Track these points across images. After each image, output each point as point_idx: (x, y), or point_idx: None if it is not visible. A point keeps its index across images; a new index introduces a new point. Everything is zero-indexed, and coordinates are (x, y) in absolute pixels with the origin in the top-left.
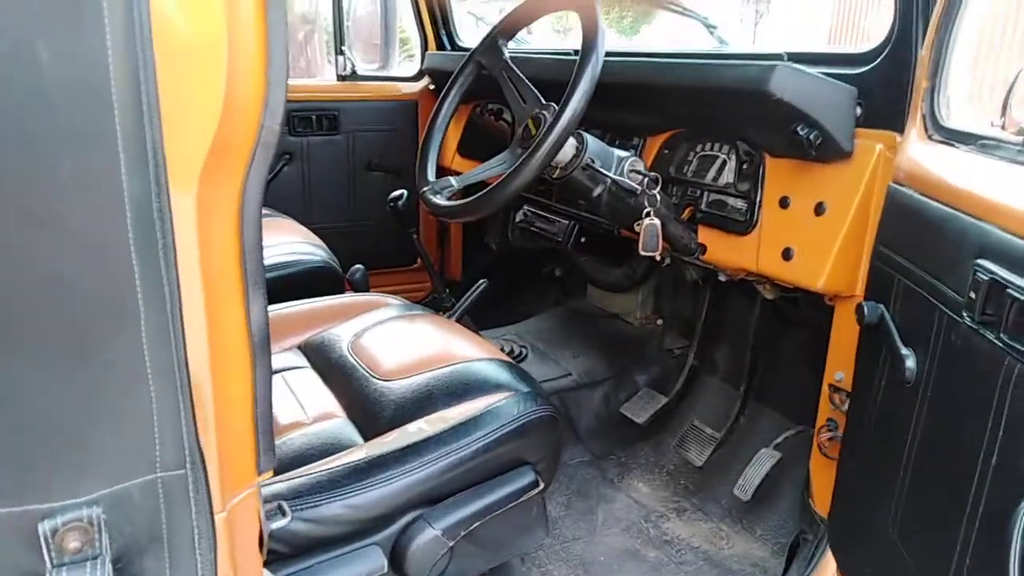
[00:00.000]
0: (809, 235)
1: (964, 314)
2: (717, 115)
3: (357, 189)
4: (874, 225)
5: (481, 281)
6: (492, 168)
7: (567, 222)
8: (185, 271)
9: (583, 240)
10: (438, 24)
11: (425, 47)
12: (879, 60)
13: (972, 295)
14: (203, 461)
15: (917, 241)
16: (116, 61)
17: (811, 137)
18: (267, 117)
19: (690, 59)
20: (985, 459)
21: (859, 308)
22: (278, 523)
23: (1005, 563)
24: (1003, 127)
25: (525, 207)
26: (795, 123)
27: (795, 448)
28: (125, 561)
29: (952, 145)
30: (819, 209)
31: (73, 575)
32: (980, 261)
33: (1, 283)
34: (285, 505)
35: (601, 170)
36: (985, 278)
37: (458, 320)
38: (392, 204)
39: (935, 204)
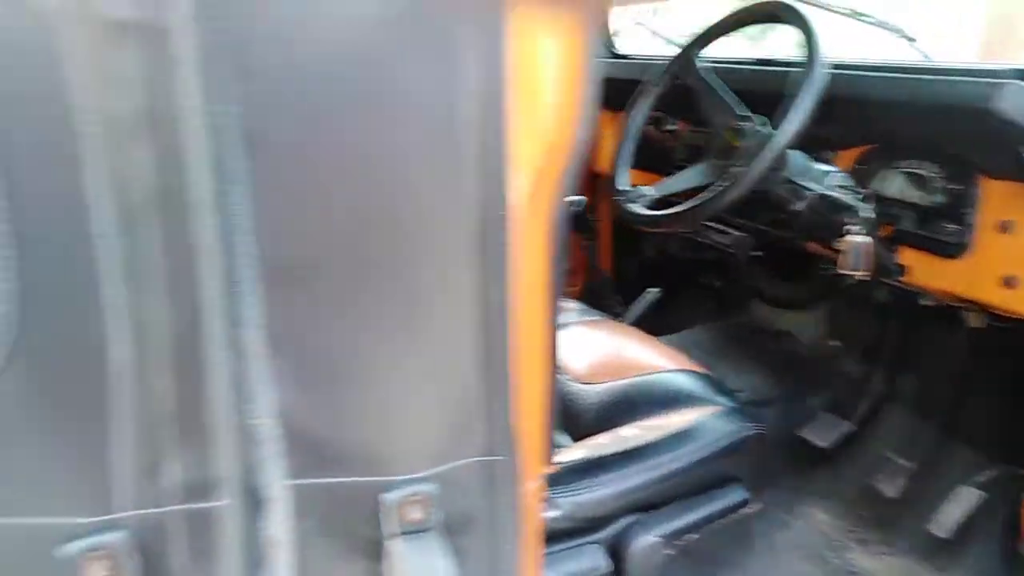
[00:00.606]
0: None
1: None
2: (926, 132)
3: None
4: None
5: (653, 290)
6: (689, 179)
7: (743, 234)
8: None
9: (758, 253)
10: None
11: None
12: None
13: None
14: (516, 448)
15: None
16: (473, 90)
17: None
18: (580, 127)
19: (895, 73)
20: None
21: None
22: (551, 512)
23: None
24: None
25: None
26: (1022, 144)
27: (1000, 489)
28: (450, 535)
29: None
30: None
31: (411, 544)
32: None
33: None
34: (554, 496)
35: (805, 184)
36: None
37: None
38: (572, 208)
39: None
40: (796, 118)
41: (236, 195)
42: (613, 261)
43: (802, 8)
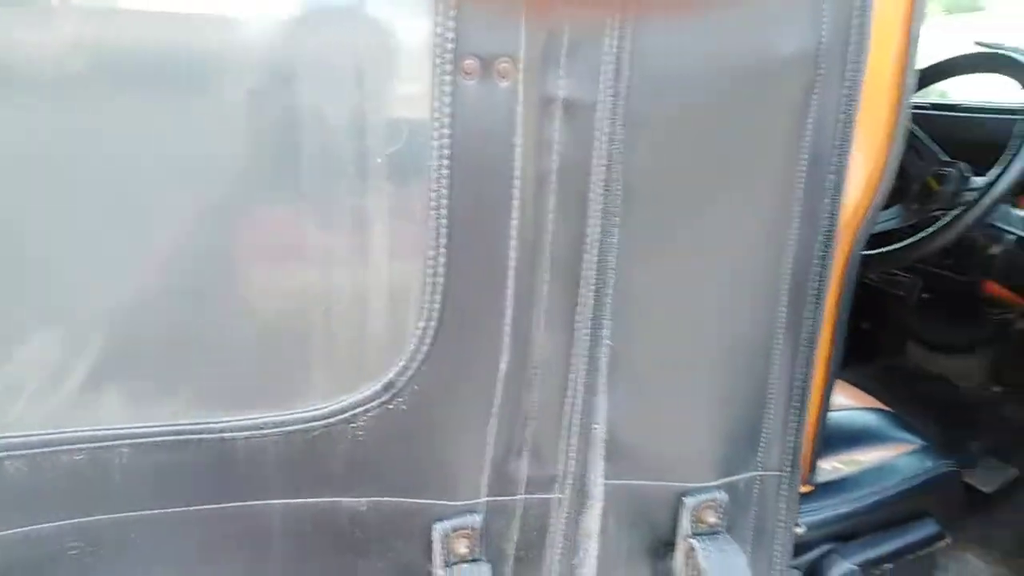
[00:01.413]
0: None
1: None
2: None
3: None
4: None
5: None
6: (883, 222)
7: (912, 276)
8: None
9: (924, 296)
10: None
11: None
12: None
13: None
14: (798, 466)
15: None
16: (814, 145)
17: None
18: (883, 184)
19: None
20: None
21: None
22: (797, 530)
23: None
24: None
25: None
26: None
27: None
28: (732, 535)
29: None
30: None
31: (710, 543)
32: None
33: (691, 315)
34: (800, 521)
35: (1006, 228)
36: None
37: None
38: None
39: None
40: (1018, 167)
41: (613, 236)
42: None
43: (1021, 58)
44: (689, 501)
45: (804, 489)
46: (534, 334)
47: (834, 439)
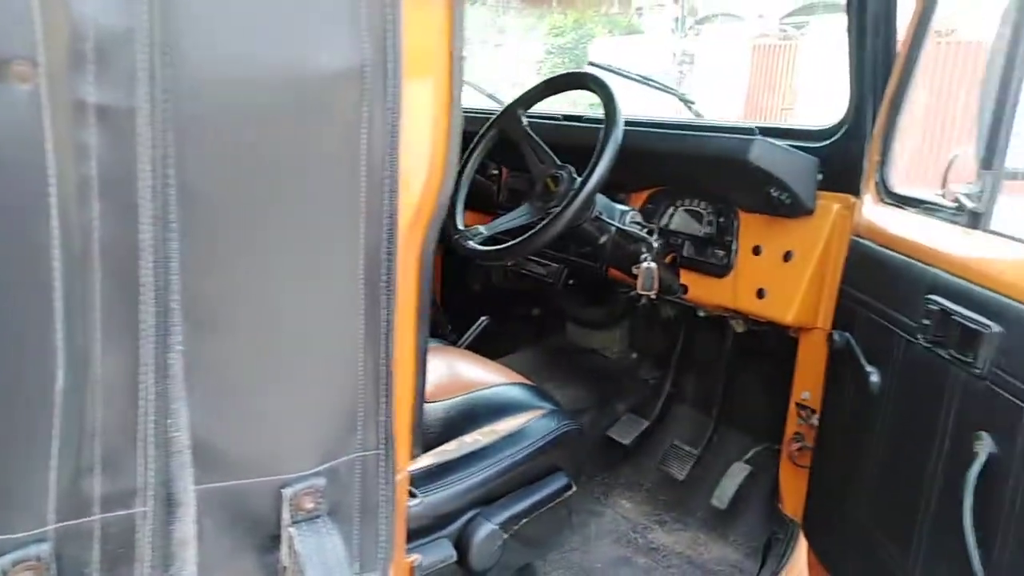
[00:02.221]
0: (779, 278)
1: (919, 336)
2: (699, 177)
3: None
4: (834, 270)
5: (483, 318)
6: (514, 219)
7: (558, 266)
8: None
9: (571, 282)
10: None
11: None
12: (837, 136)
13: (925, 322)
14: (392, 444)
15: (877, 282)
16: (369, 162)
17: (781, 197)
18: (444, 188)
19: (674, 129)
20: (938, 445)
21: (830, 336)
22: (412, 502)
23: (959, 516)
24: (944, 196)
25: None
26: (769, 186)
27: (763, 462)
28: (335, 520)
29: (901, 207)
30: (787, 256)
31: (307, 528)
32: (931, 296)
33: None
34: (413, 489)
35: (608, 221)
36: (935, 308)
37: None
38: None
39: (892, 253)
40: (601, 167)
41: (171, 242)
42: (443, 294)
43: (604, 77)
44: (287, 492)
45: (414, 464)
46: (92, 347)
47: (478, 414)
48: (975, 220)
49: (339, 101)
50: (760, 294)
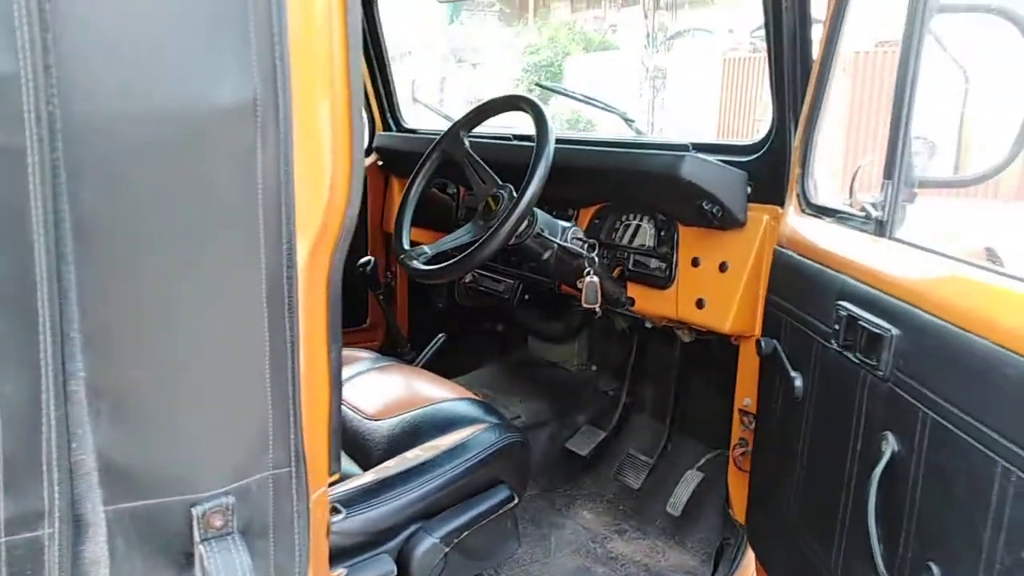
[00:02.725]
0: (717, 288)
1: (832, 342)
2: (638, 192)
3: None
4: (765, 278)
5: (440, 335)
6: (459, 238)
7: (512, 282)
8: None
9: (527, 297)
10: (384, 109)
11: (373, 128)
12: (763, 151)
13: (836, 327)
14: (304, 460)
15: (797, 289)
16: (265, 191)
17: (713, 211)
18: (350, 210)
19: (615, 147)
20: (852, 446)
21: (757, 343)
22: (336, 518)
23: (866, 515)
24: (851, 205)
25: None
26: (701, 200)
27: (715, 468)
28: (246, 538)
29: (819, 217)
30: (723, 267)
31: (217, 545)
32: (840, 302)
33: (171, 340)
34: (338, 505)
35: (549, 238)
36: (844, 314)
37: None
38: (361, 268)
39: (808, 262)
40: (534, 185)
41: (68, 273)
42: (409, 313)
43: (535, 99)
44: (196, 511)
45: (355, 482)
46: None
47: (422, 430)
48: (880, 228)
49: (232, 134)
50: (700, 304)
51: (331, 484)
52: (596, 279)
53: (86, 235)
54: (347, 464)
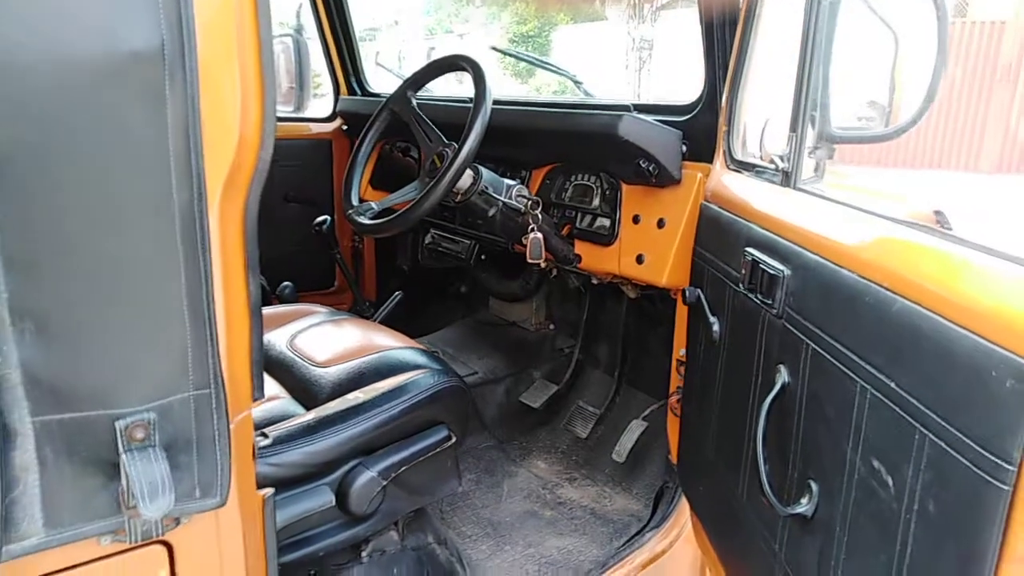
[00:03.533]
0: (655, 244)
1: (740, 285)
2: (582, 152)
3: (275, 219)
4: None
5: (397, 292)
6: (405, 194)
7: (469, 242)
8: (212, 252)
9: (483, 257)
10: (349, 73)
11: (337, 92)
12: (696, 111)
13: (743, 271)
14: (223, 383)
15: (716, 240)
16: (174, 130)
17: (650, 168)
18: (263, 152)
19: (559, 108)
20: (755, 380)
21: (682, 292)
22: (262, 442)
23: (754, 442)
24: (762, 158)
25: (432, 230)
26: (638, 158)
27: (659, 418)
28: (170, 452)
29: (740, 172)
30: (660, 223)
31: (138, 455)
32: (747, 248)
33: (90, 267)
34: (266, 431)
35: (494, 195)
36: (749, 259)
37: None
38: (317, 228)
39: (726, 213)
40: (470, 142)
41: None
42: (377, 275)
43: (474, 59)
44: (120, 424)
45: (297, 420)
46: None
47: (365, 375)
48: (786, 179)
49: (141, 76)
50: (640, 260)
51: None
52: (540, 236)
53: (3, 170)
54: (294, 407)
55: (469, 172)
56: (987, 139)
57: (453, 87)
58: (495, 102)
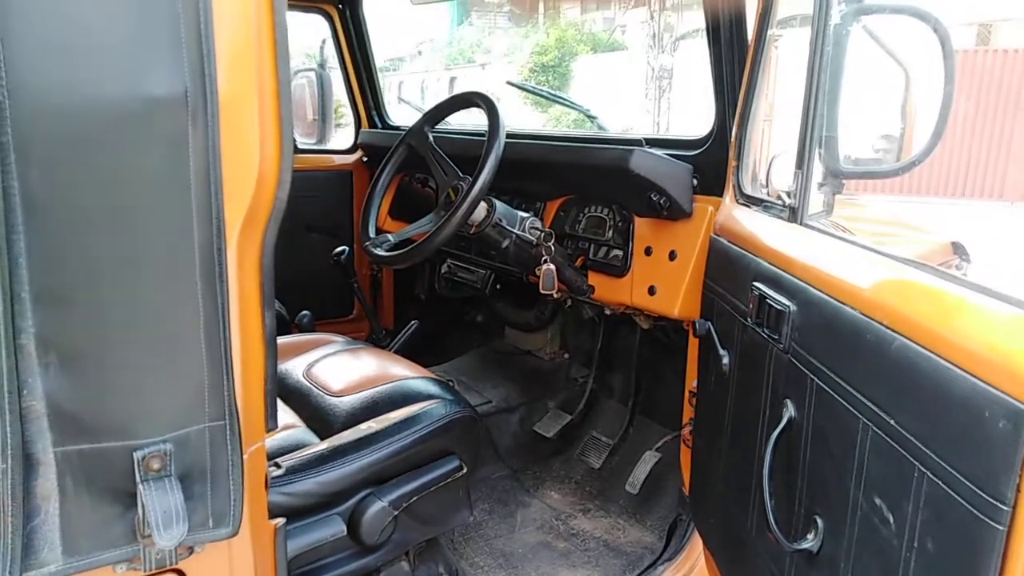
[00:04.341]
0: (667, 275)
1: (748, 319)
2: (595, 185)
3: (296, 248)
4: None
5: (412, 321)
6: (421, 226)
7: (485, 271)
8: (229, 288)
9: (499, 287)
10: (370, 107)
11: (359, 125)
12: (707, 145)
13: (750, 306)
14: (237, 415)
15: (726, 274)
16: (196, 172)
17: (661, 201)
18: (280, 192)
19: (572, 142)
20: (763, 414)
21: (693, 324)
22: (275, 472)
23: (761, 476)
24: (768, 193)
25: (449, 260)
26: (649, 191)
27: (672, 449)
28: (184, 483)
29: (749, 206)
30: (672, 255)
31: (154, 485)
32: (755, 283)
33: (113, 303)
34: (279, 460)
35: (508, 227)
36: (756, 294)
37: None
38: (336, 258)
39: (734, 247)
40: (484, 175)
41: (17, 241)
42: (395, 304)
43: (488, 96)
44: (137, 455)
45: (310, 450)
46: None
47: (379, 405)
48: (793, 215)
49: (166, 121)
50: (652, 291)
51: (283, 454)
52: (552, 267)
53: (34, 209)
54: (308, 436)
55: (483, 205)
56: (1011, 167)
57: (475, 115)
58: (510, 135)
